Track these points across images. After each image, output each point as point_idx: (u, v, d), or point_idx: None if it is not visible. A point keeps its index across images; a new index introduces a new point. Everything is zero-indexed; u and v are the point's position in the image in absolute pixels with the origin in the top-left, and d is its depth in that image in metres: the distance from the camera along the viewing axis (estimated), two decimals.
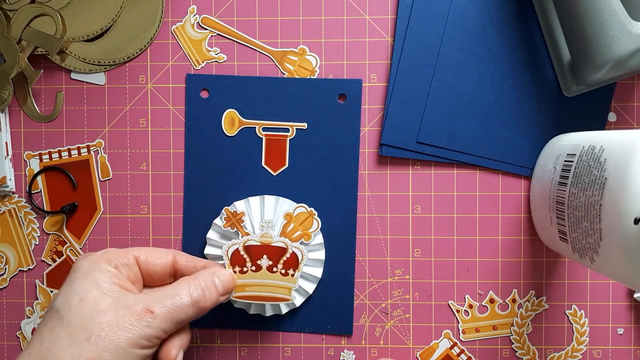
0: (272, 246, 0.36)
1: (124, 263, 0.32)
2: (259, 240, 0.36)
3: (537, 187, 0.39)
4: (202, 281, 0.33)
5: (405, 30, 0.40)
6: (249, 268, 0.36)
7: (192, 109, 0.41)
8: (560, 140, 0.38)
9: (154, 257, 0.34)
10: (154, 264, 0.33)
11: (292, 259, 0.36)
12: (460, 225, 0.41)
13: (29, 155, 0.41)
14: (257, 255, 0.36)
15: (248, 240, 0.36)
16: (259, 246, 0.36)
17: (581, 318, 0.41)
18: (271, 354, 0.41)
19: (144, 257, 0.33)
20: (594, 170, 0.30)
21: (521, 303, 0.41)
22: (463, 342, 0.41)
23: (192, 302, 0.31)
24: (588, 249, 0.31)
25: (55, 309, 0.30)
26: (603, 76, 0.36)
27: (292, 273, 0.36)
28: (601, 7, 0.33)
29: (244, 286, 0.36)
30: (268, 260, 0.36)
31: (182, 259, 0.35)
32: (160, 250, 0.35)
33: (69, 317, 0.29)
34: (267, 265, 0.36)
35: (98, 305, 0.29)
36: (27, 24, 0.39)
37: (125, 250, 0.33)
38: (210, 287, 0.33)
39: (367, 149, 0.41)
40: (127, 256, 0.33)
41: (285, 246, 0.36)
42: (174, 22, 0.41)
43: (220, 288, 0.34)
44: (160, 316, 0.30)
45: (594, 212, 0.30)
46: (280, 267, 0.36)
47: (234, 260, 0.36)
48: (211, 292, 0.33)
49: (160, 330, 0.30)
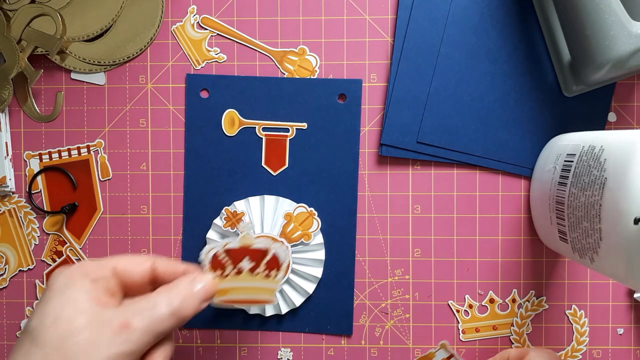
0: (252, 249, 0.35)
1: (101, 276, 0.31)
2: (239, 242, 0.35)
3: (537, 187, 0.39)
4: (182, 289, 0.31)
5: (405, 30, 0.40)
6: (230, 272, 0.35)
7: (192, 109, 0.41)
8: (560, 140, 0.38)
9: (132, 266, 0.32)
10: (132, 272, 0.32)
11: (274, 260, 0.35)
12: (460, 225, 0.41)
13: (29, 155, 0.41)
14: (238, 258, 0.35)
15: (228, 243, 0.35)
16: (239, 249, 0.35)
17: (581, 318, 0.41)
18: (271, 354, 0.41)
19: (122, 266, 0.32)
20: (594, 170, 0.30)
21: (521, 303, 0.41)
22: (463, 342, 0.41)
23: (171, 313, 0.30)
24: (588, 249, 0.31)
25: (29, 330, 0.28)
26: (603, 76, 0.36)
27: (274, 274, 0.35)
28: (601, 7, 0.33)
29: (225, 290, 0.35)
30: (250, 262, 0.35)
31: (162, 265, 0.33)
32: (138, 257, 0.33)
33: (43, 338, 0.27)
34: (249, 268, 0.35)
35: (73, 323, 0.28)
36: (27, 24, 0.39)
37: (102, 261, 0.32)
38: (190, 295, 0.31)
39: (367, 149, 0.41)
40: (104, 268, 0.31)
41: (266, 248, 0.35)
42: (174, 22, 0.41)
43: (200, 295, 0.32)
44: (139, 330, 0.29)
45: (594, 212, 0.30)
46: (263, 269, 0.35)
47: (215, 265, 0.34)
48: (191, 300, 0.31)
49: (140, 344, 0.29)
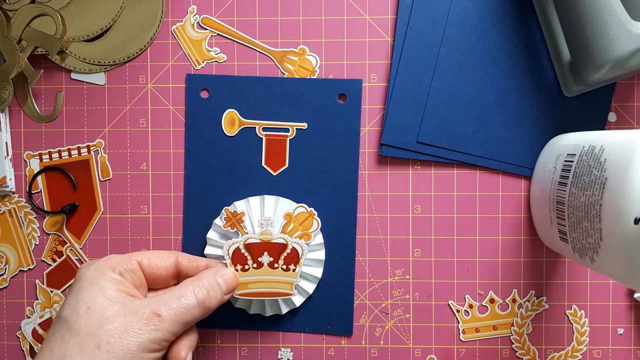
0: (272, 243, 0.37)
1: (128, 269, 0.33)
2: (259, 237, 0.37)
3: (537, 187, 0.39)
4: (206, 281, 0.33)
5: (405, 30, 0.40)
6: (251, 266, 0.37)
7: (192, 109, 0.41)
8: (560, 140, 0.38)
9: (157, 260, 0.34)
10: (157, 267, 0.34)
11: (293, 254, 0.37)
12: (460, 225, 0.41)
13: (29, 155, 0.41)
14: (258, 253, 0.37)
15: (248, 238, 0.37)
16: (259, 244, 0.37)
17: (581, 318, 0.41)
18: (271, 354, 0.41)
19: (147, 261, 0.34)
20: (594, 170, 0.30)
21: (521, 303, 0.41)
22: (463, 342, 0.41)
23: (198, 303, 0.32)
24: (588, 249, 0.31)
25: (64, 318, 0.30)
26: (603, 76, 0.36)
27: (293, 268, 0.37)
28: (601, 7, 0.33)
29: (246, 283, 0.37)
30: (269, 257, 0.37)
31: (185, 260, 0.35)
32: (162, 252, 0.35)
33: (77, 326, 0.29)
34: (268, 262, 0.37)
35: (105, 312, 0.30)
36: (27, 24, 0.39)
37: (128, 255, 0.34)
38: (214, 287, 0.33)
39: (367, 149, 0.41)
40: (130, 261, 0.33)
41: (285, 242, 0.37)
42: (174, 22, 0.41)
43: (224, 287, 0.34)
44: (168, 319, 0.30)
45: (594, 212, 0.30)
46: (282, 263, 0.37)
47: (236, 259, 0.37)
48: (215, 292, 0.33)
49: (168, 333, 0.30)
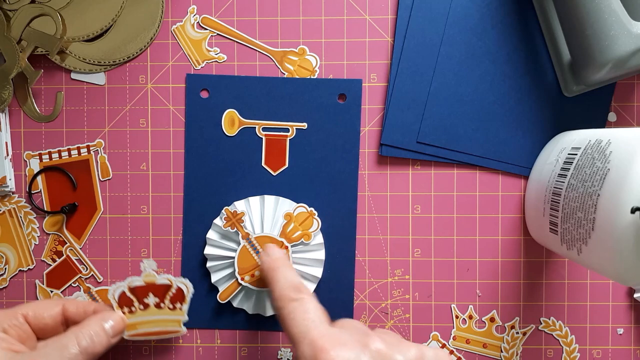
0: (156, 285, 0.38)
1: (13, 324, 0.33)
2: (143, 280, 0.38)
3: (535, 178, 0.39)
4: (90, 329, 0.34)
5: (405, 30, 0.40)
6: (137, 307, 0.38)
7: (192, 109, 0.41)
8: (565, 136, 0.38)
9: (42, 311, 0.34)
10: (43, 317, 0.34)
11: (178, 294, 0.38)
12: (460, 225, 0.41)
13: (29, 155, 0.41)
14: (143, 294, 0.38)
15: (132, 281, 0.38)
16: (143, 286, 0.38)
17: (572, 343, 0.41)
18: (271, 354, 0.41)
19: (32, 313, 0.34)
20: (597, 162, 0.31)
21: (517, 332, 0.41)
22: (449, 348, 0.41)
23: (80, 351, 0.32)
24: (577, 240, 0.31)
25: None
26: (603, 76, 0.36)
27: (179, 307, 0.38)
28: (601, 7, 0.33)
29: (135, 325, 0.37)
30: (154, 297, 0.38)
31: (72, 307, 0.36)
32: (48, 302, 0.36)
33: None
34: (154, 303, 0.38)
35: None
36: (27, 24, 0.39)
37: (12, 310, 0.34)
38: (98, 333, 0.34)
39: (367, 149, 0.41)
40: (15, 316, 0.33)
41: (170, 283, 0.38)
42: (174, 22, 0.41)
43: (110, 331, 0.35)
44: None
45: (591, 202, 0.30)
46: (168, 303, 0.38)
47: (122, 302, 0.37)
48: (100, 337, 0.34)
49: None
